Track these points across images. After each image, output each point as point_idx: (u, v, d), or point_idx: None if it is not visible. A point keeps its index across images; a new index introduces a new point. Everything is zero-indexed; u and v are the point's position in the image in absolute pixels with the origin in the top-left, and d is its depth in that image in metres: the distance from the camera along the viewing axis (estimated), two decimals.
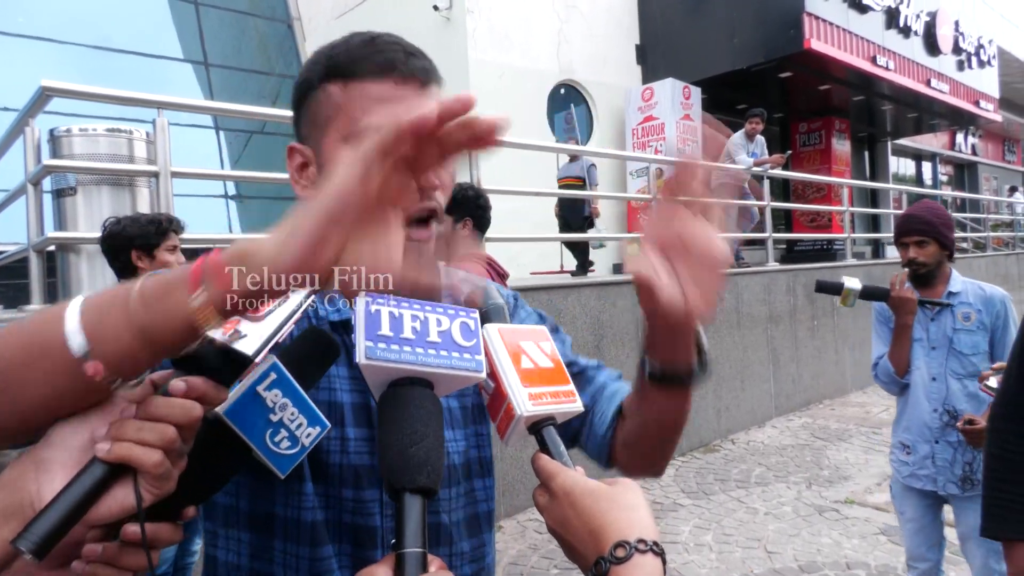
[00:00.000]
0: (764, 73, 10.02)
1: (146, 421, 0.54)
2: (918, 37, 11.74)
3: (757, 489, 4.71)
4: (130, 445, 0.53)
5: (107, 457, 0.53)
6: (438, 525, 0.85)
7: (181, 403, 0.56)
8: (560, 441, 0.68)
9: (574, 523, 0.62)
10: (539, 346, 0.73)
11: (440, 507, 0.85)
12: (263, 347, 0.60)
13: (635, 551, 0.57)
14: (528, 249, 7.53)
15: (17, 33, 8.47)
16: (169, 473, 0.55)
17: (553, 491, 0.64)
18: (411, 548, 0.56)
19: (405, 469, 0.59)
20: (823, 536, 3.88)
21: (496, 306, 0.77)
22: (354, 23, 9.59)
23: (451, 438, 0.87)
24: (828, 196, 12.16)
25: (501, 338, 0.71)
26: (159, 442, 0.54)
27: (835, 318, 7.57)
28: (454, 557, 0.87)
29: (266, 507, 0.80)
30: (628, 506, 0.61)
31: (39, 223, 3.46)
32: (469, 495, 0.90)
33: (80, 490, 0.52)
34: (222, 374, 0.60)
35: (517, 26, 8.67)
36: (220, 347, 0.59)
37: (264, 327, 0.61)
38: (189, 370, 0.58)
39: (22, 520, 0.51)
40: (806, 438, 5.92)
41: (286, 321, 0.62)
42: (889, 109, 13.27)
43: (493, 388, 0.70)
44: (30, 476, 0.53)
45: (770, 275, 6.77)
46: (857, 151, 14.80)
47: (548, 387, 0.69)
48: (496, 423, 0.70)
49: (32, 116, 3.39)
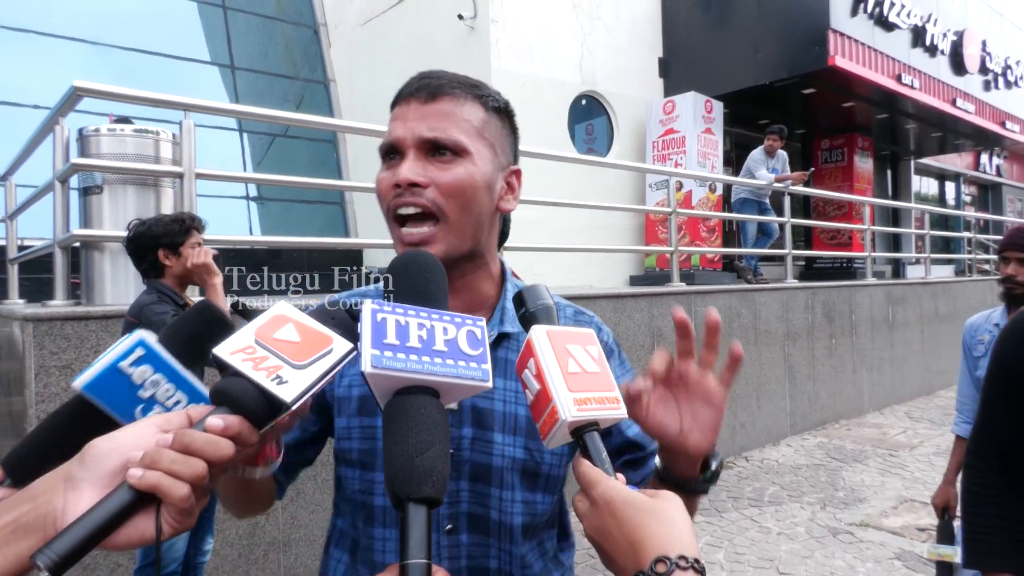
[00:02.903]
0: (787, 89, 9.96)
1: (179, 454, 0.54)
2: (944, 56, 11.63)
3: (770, 508, 4.66)
4: (161, 475, 0.53)
5: (138, 484, 0.53)
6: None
7: (216, 440, 0.56)
8: (603, 447, 0.67)
9: (614, 533, 0.61)
10: (587, 350, 0.72)
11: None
12: (302, 395, 0.59)
13: (676, 567, 0.56)
14: (544, 260, 7.52)
15: (51, 33, 8.64)
16: (192, 508, 0.55)
17: (594, 499, 0.64)
18: (415, 559, 0.55)
19: (410, 478, 0.58)
20: (836, 559, 3.82)
21: (545, 307, 0.77)
22: (379, 30, 9.68)
23: (507, 442, 0.95)
24: (849, 214, 12.04)
25: (549, 340, 0.70)
26: (189, 476, 0.54)
27: (853, 337, 7.49)
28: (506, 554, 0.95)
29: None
30: (669, 520, 0.60)
31: (65, 220, 3.51)
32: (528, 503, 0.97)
33: (104, 514, 0.52)
34: (258, 416, 0.59)
35: (541, 37, 8.70)
36: (260, 389, 0.58)
37: (306, 375, 0.60)
38: (228, 408, 0.58)
39: (43, 535, 0.51)
40: (821, 458, 5.85)
41: (328, 372, 0.62)
42: (913, 128, 13.14)
43: (538, 390, 0.69)
44: (58, 492, 0.54)
45: (789, 292, 6.71)
46: (880, 169, 14.66)
47: (594, 392, 0.68)
48: (539, 424, 0.70)
49: (63, 115, 3.45)
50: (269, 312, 0.65)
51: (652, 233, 9.43)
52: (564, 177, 6.96)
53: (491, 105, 0.94)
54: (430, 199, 0.87)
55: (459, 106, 0.90)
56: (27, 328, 2.78)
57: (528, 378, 0.70)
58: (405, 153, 0.89)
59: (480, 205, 0.91)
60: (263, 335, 0.63)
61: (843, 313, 7.39)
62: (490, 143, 0.93)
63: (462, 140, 0.89)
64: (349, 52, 10.53)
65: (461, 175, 0.88)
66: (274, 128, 10.37)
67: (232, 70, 10.61)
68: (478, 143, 0.91)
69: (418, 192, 0.87)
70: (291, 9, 11.28)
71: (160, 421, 0.58)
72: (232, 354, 0.60)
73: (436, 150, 0.89)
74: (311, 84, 11.02)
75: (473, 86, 0.94)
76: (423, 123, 0.89)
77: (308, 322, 0.65)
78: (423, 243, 0.88)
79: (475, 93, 0.93)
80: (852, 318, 7.53)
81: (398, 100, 0.93)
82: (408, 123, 0.89)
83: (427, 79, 0.92)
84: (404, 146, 0.89)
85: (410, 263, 0.75)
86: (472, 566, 0.93)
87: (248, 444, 0.59)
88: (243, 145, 10.54)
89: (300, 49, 11.27)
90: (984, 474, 1.41)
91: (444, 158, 0.88)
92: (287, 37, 11.32)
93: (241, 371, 0.59)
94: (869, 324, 7.73)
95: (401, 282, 0.74)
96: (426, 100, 0.90)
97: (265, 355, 0.61)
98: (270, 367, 0.60)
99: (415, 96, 0.91)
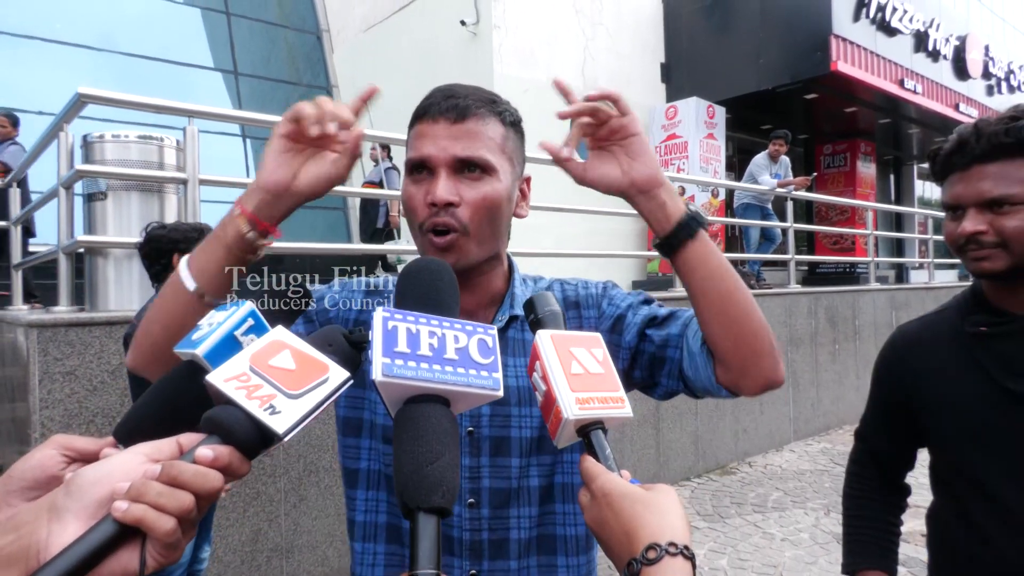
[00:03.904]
0: (790, 94, 9.98)
1: (166, 486, 0.53)
2: (947, 61, 11.64)
3: (774, 514, 4.64)
4: (146, 508, 0.51)
5: (122, 517, 0.51)
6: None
7: (205, 472, 0.54)
8: (607, 445, 0.70)
9: (611, 524, 0.64)
10: (591, 352, 0.74)
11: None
12: (295, 427, 0.58)
13: (666, 553, 0.59)
14: (547, 264, 7.53)
15: (55, 39, 8.69)
16: (178, 543, 0.53)
17: (593, 492, 0.67)
18: (424, 570, 0.55)
19: (420, 488, 0.58)
20: (840, 565, 3.80)
21: (552, 313, 0.79)
22: (382, 36, 9.71)
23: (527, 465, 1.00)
24: (852, 219, 12.05)
25: (553, 344, 0.73)
26: (176, 510, 0.52)
27: (857, 343, 7.48)
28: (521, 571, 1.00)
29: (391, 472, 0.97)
30: (662, 510, 0.63)
31: (70, 226, 3.52)
32: (546, 516, 1.02)
33: (87, 547, 0.51)
34: (250, 446, 0.58)
35: (543, 42, 8.72)
36: (252, 420, 0.58)
37: (300, 405, 0.60)
38: (219, 438, 0.57)
39: (25, 568, 0.50)
40: (825, 464, 5.83)
41: (322, 403, 0.61)
42: (916, 133, 13.14)
43: (545, 391, 0.71)
44: (42, 522, 0.52)
45: (792, 297, 6.70)
46: (882, 174, 14.67)
47: (597, 392, 0.70)
48: (548, 424, 0.72)
49: (67, 121, 3.47)
50: (266, 337, 0.64)
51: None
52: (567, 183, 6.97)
53: (508, 120, 0.99)
54: (461, 216, 0.93)
55: (484, 125, 0.95)
56: (31, 334, 2.78)
57: (536, 380, 0.73)
58: (436, 171, 0.93)
59: (503, 217, 0.98)
60: (258, 362, 0.61)
61: (846, 318, 7.38)
62: (509, 157, 0.98)
63: (490, 159, 0.94)
64: (352, 58, 10.58)
65: (489, 193, 0.94)
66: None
67: (235, 76, 10.66)
68: (501, 159, 0.96)
69: (450, 212, 0.92)
70: (294, 15, 11.33)
71: (149, 450, 0.57)
72: (226, 381, 0.59)
73: (466, 168, 0.94)
74: (314, 90, 11.05)
75: (492, 102, 0.98)
76: (455, 143, 0.93)
77: (305, 348, 0.64)
78: (448, 248, 0.93)
79: (495, 110, 0.98)
80: (855, 323, 7.52)
81: (423, 116, 0.97)
82: (439, 142, 0.93)
83: (454, 98, 0.95)
84: (436, 164, 0.93)
85: (422, 269, 0.76)
86: (493, 539, 0.99)
87: (237, 475, 0.58)
88: (246, 151, 10.57)
89: (303, 55, 11.32)
90: (862, 480, 1.50)
91: (473, 175, 0.94)
92: (290, 43, 11.37)
93: (234, 400, 0.58)
94: (873, 329, 7.71)
95: (412, 288, 0.75)
96: (455, 120, 0.94)
97: (259, 383, 0.60)
98: (263, 396, 0.58)
99: (444, 116, 0.94)
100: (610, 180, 0.93)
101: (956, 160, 1.23)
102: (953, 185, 1.24)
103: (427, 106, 0.97)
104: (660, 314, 1.03)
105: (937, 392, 1.31)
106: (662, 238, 0.93)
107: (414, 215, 0.96)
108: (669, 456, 5.29)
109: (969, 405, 1.26)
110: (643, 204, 0.93)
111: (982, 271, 1.22)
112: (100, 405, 2.86)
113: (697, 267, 0.91)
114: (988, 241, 1.19)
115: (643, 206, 0.93)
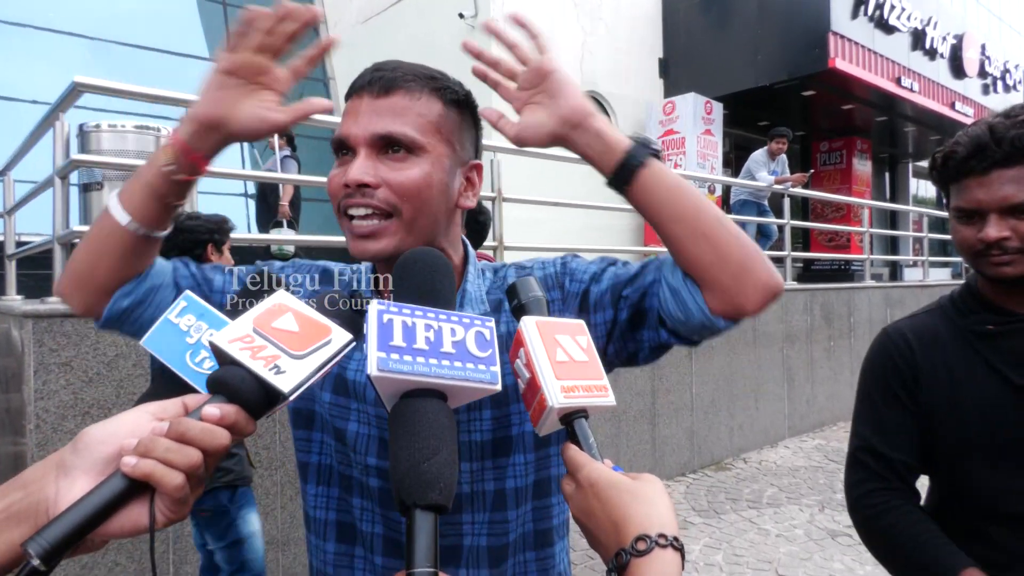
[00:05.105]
0: (787, 91, 9.98)
1: (174, 442, 0.53)
2: (944, 59, 11.67)
3: (769, 510, 4.66)
4: (155, 464, 0.52)
5: (131, 472, 0.52)
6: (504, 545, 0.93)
7: (212, 429, 0.55)
8: (590, 434, 0.68)
9: (597, 514, 0.63)
10: (575, 340, 0.72)
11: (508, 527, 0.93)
12: (300, 386, 0.59)
13: (655, 545, 0.58)
14: None
15: (48, 28, 8.61)
16: (187, 498, 0.54)
17: (579, 481, 0.66)
18: (421, 568, 0.54)
19: (417, 485, 0.57)
20: (835, 561, 3.82)
21: (536, 299, 0.76)
22: (379, 28, 9.66)
23: (520, 461, 0.94)
24: (847, 216, 12.07)
25: (538, 330, 0.71)
26: (184, 465, 0.53)
27: (852, 340, 7.50)
28: (516, 566, 0.94)
29: (343, 469, 0.94)
30: (649, 500, 0.62)
31: (65, 216, 3.49)
32: (539, 510, 0.96)
33: (98, 501, 0.51)
34: (255, 405, 0.58)
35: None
36: (257, 379, 0.58)
37: (305, 365, 0.60)
38: (224, 397, 0.58)
39: (34, 524, 0.51)
40: (819, 460, 5.85)
41: (326, 363, 0.61)
42: (912, 131, 13.18)
43: (528, 378, 0.70)
44: (50, 479, 0.53)
45: (787, 294, 6.71)
46: (878, 172, 14.70)
47: (581, 380, 0.69)
48: (530, 412, 0.71)
49: (63, 111, 3.43)
50: (268, 300, 0.64)
51: (651, 234, 9.43)
52: (563, 177, 6.96)
53: (449, 98, 0.90)
54: (382, 199, 0.84)
55: (414, 100, 0.87)
56: (26, 325, 2.76)
57: (519, 367, 0.71)
58: (356, 150, 0.85)
59: (435, 204, 0.88)
60: (262, 324, 0.62)
61: (841, 315, 7.40)
62: (447, 139, 0.89)
63: (415, 137, 0.85)
64: (348, 51, 10.50)
65: (414, 175, 0.85)
66: None
67: None
68: (433, 139, 0.87)
69: (369, 193, 0.84)
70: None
71: (155, 409, 0.57)
72: (230, 342, 0.59)
73: (389, 147, 0.85)
74: (310, 82, 10.99)
75: (431, 78, 0.90)
76: (376, 119, 0.85)
77: (307, 312, 0.64)
78: (373, 235, 0.85)
79: (432, 86, 0.89)
80: (850, 320, 7.54)
81: (351, 93, 0.90)
82: (360, 118, 0.86)
83: (380, 71, 0.88)
84: (355, 143, 0.85)
85: (417, 260, 0.74)
86: (445, 544, 0.92)
87: (244, 434, 0.58)
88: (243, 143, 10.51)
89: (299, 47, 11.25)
90: (894, 494, 1.34)
91: (397, 156, 0.85)
92: None
93: (239, 360, 0.58)
94: (868, 326, 7.74)
95: (407, 280, 0.73)
96: (379, 94, 0.86)
97: (263, 344, 0.60)
98: (268, 356, 0.59)
99: (367, 89, 0.87)
100: (540, 126, 0.87)
101: (974, 164, 1.20)
102: (971, 190, 1.21)
103: (354, 81, 0.90)
104: (628, 273, 0.93)
105: (946, 391, 1.29)
106: (611, 172, 0.86)
107: (333, 198, 0.88)
108: (664, 451, 5.30)
109: (981, 403, 1.25)
110: (580, 140, 0.87)
111: (1004, 276, 1.21)
112: (96, 396, 2.84)
113: (655, 193, 0.85)
114: (1012, 247, 1.18)
115: (580, 143, 0.87)
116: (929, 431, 1.31)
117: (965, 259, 1.28)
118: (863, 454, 1.39)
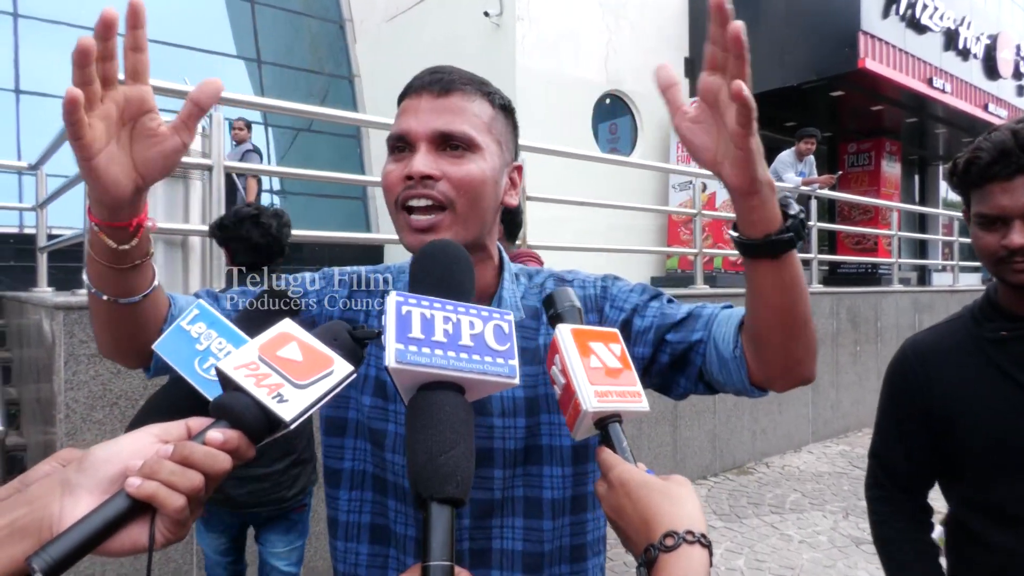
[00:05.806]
0: (815, 91, 9.84)
1: (178, 465, 0.55)
2: (977, 60, 11.43)
3: (792, 516, 4.60)
4: (158, 485, 0.54)
5: (135, 493, 0.53)
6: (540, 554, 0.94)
7: (215, 454, 0.56)
8: (624, 437, 0.70)
9: (628, 512, 0.65)
10: (608, 347, 0.74)
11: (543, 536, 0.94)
12: (301, 415, 0.60)
13: (683, 541, 0.60)
14: (567, 258, 7.50)
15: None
16: (187, 520, 0.56)
17: (611, 481, 0.68)
18: (437, 561, 0.54)
19: (434, 478, 0.57)
20: (859, 569, 3.76)
21: (572, 308, 0.78)
22: (405, 26, 9.69)
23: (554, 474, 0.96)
24: (875, 219, 11.88)
25: (573, 338, 0.73)
26: (187, 488, 0.54)
27: (879, 345, 7.38)
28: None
29: (378, 472, 0.96)
30: (679, 499, 0.64)
31: None
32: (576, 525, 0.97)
33: (100, 520, 0.52)
34: (257, 432, 0.60)
35: (566, 35, 8.66)
36: (261, 406, 0.59)
37: (307, 395, 0.61)
38: (228, 422, 0.59)
39: (38, 539, 0.52)
40: (843, 466, 5.77)
41: (327, 394, 0.62)
42: (943, 132, 12.92)
43: (564, 384, 0.71)
44: (55, 496, 0.54)
45: (813, 297, 6.58)
46: (907, 174, 14.45)
47: (615, 386, 0.71)
48: (566, 416, 0.73)
49: None
50: (274, 329, 0.65)
51: (674, 234, 9.36)
52: (588, 177, 6.93)
53: (497, 103, 0.96)
54: (441, 192, 0.88)
55: (470, 102, 0.92)
56: (57, 316, 2.80)
57: (555, 373, 0.74)
58: (416, 146, 0.89)
59: (488, 200, 0.92)
60: (267, 352, 0.63)
61: (868, 319, 7.29)
62: (497, 139, 0.94)
63: (474, 135, 0.90)
64: (374, 48, 10.57)
65: (473, 170, 0.89)
66: (298, 122, 10.43)
67: (259, 64, 10.70)
68: (487, 138, 0.92)
69: (430, 185, 0.88)
70: (317, 4, 11.34)
71: (159, 431, 0.59)
72: (236, 369, 0.61)
73: (447, 144, 0.89)
74: (336, 79, 11.07)
75: (481, 83, 0.96)
76: (436, 116, 0.89)
77: (311, 341, 0.65)
78: (431, 229, 0.88)
79: (483, 90, 0.95)
80: (877, 325, 7.42)
81: (408, 93, 0.94)
82: (420, 116, 0.90)
83: (438, 73, 0.93)
84: (416, 138, 0.89)
85: (437, 252, 0.75)
86: (475, 548, 0.93)
87: (244, 459, 0.59)
88: (267, 139, 10.62)
89: (325, 44, 11.33)
90: (890, 503, 1.44)
91: (456, 152, 0.89)
92: (313, 32, 11.39)
93: (243, 387, 0.59)
94: (895, 331, 7.61)
95: (427, 272, 0.74)
96: (438, 94, 0.91)
97: (268, 372, 0.61)
98: (272, 384, 0.60)
99: (427, 89, 0.91)
100: (702, 155, 0.78)
101: (998, 170, 1.19)
102: (994, 196, 1.21)
103: (412, 82, 0.94)
104: (675, 317, 0.94)
105: (961, 400, 1.30)
106: (754, 242, 0.79)
107: (390, 192, 0.91)
108: (686, 454, 5.26)
109: (994, 410, 1.26)
110: (751, 202, 0.78)
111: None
112: (124, 388, 2.88)
113: (778, 280, 0.81)
114: None
115: (740, 202, 0.79)
116: (948, 439, 1.33)
117: (986, 266, 1.28)
118: (873, 461, 1.49)
